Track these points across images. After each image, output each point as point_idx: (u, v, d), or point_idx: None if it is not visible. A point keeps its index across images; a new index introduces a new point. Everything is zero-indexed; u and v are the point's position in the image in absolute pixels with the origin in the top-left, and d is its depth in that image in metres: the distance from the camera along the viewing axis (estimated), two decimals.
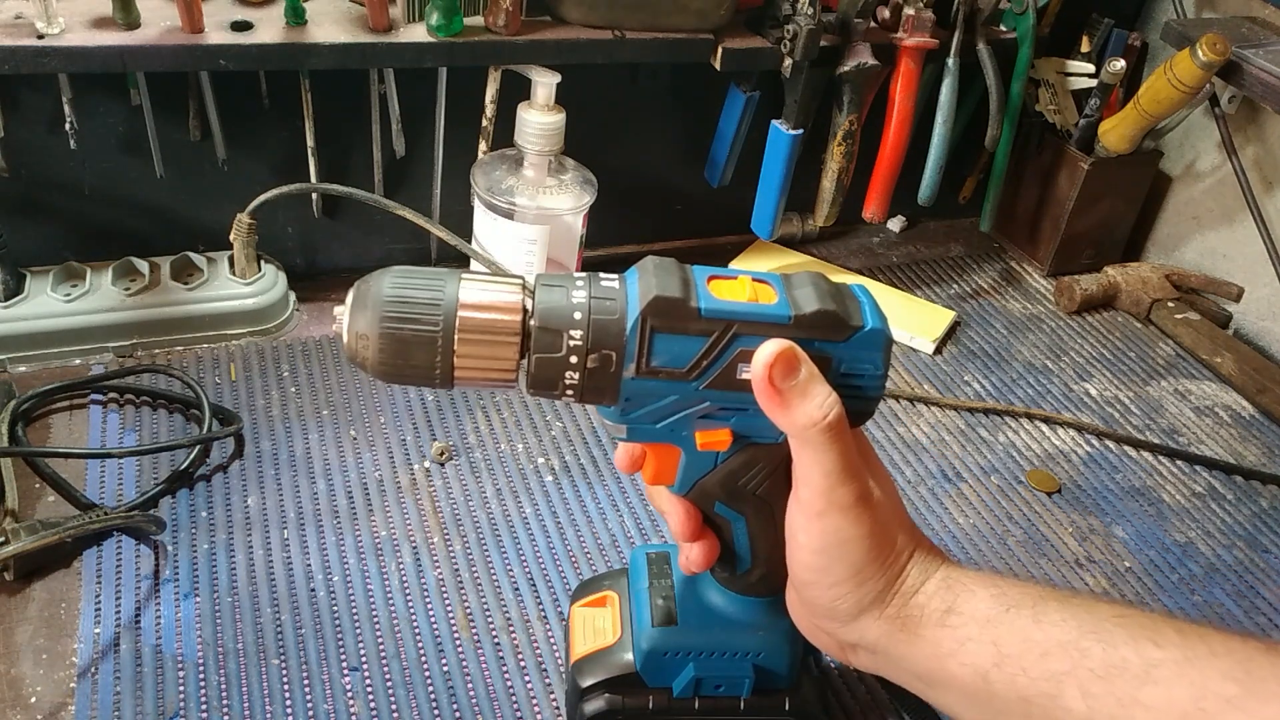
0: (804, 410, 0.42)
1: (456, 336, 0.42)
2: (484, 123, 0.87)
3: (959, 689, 0.43)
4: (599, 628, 0.57)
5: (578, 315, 0.42)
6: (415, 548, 0.70)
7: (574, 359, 0.42)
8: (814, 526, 0.44)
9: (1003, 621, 0.42)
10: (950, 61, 0.95)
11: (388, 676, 0.61)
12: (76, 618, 0.62)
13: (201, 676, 0.60)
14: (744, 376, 0.43)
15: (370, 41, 0.77)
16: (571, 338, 0.42)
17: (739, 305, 0.43)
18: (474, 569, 0.69)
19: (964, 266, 1.11)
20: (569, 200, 0.84)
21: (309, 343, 0.87)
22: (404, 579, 0.67)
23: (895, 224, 1.15)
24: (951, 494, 0.81)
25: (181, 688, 0.59)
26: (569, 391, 0.43)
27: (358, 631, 0.64)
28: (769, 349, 0.42)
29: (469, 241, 0.88)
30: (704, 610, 0.53)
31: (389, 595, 0.66)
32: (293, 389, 0.82)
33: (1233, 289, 1.06)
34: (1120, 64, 0.99)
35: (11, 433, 0.72)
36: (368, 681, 0.61)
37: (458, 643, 0.64)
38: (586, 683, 0.55)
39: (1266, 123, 1.01)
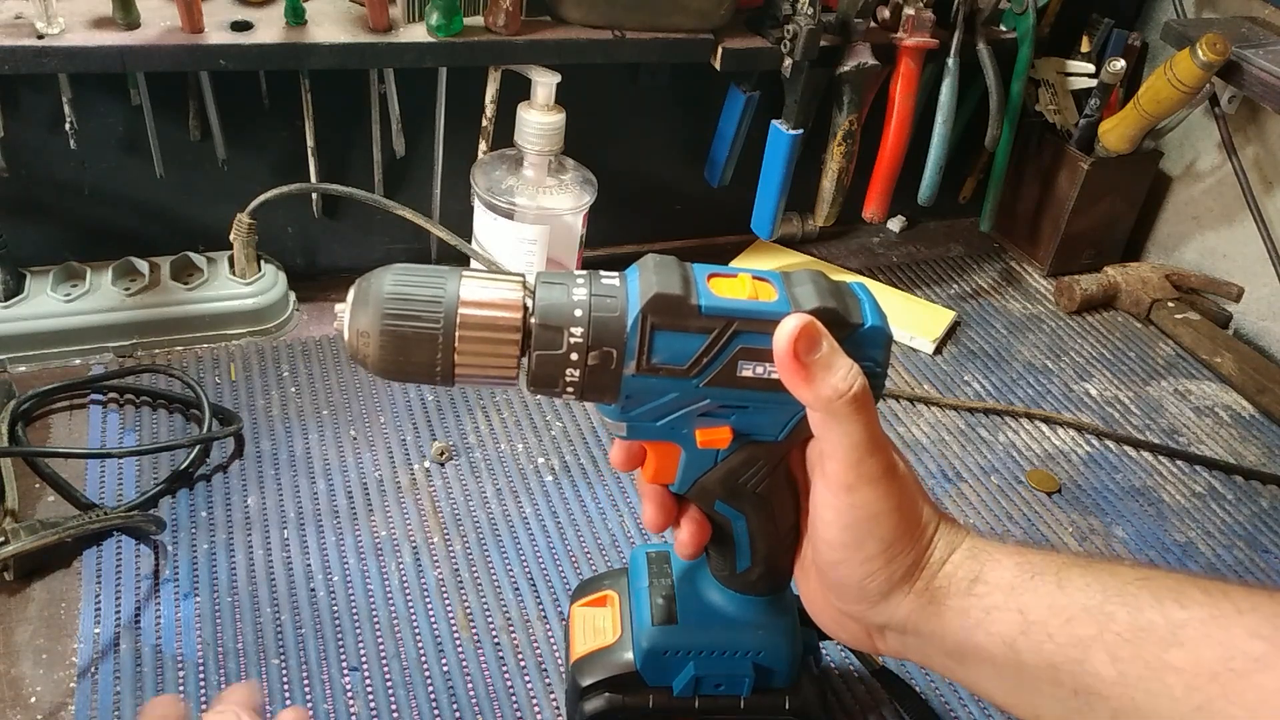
0: (829, 383, 0.42)
1: (457, 334, 0.41)
2: (484, 123, 0.87)
3: (988, 662, 0.42)
4: (599, 627, 0.57)
5: (578, 312, 0.42)
6: (415, 548, 0.70)
7: (575, 356, 0.42)
8: (842, 502, 0.43)
9: (1027, 588, 0.42)
10: (950, 61, 0.95)
11: (388, 676, 0.61)
12: (76, 618, 0.62)
13: (201, 676, 0.60)
14: (744, 374, 0.43)
15: (370, 41, 0.77)
16: (572, 335, 0.42)
17: (739, 303, 0.43)
18: (474, 569, 0.69)
19: (964, 266, 1.11)
20: (569, 200, 0.84)
21: (309, 343, 0.87)
22: (404, 579, 0.67)
23: (895, 224, 1.15)
24: (951, 494, 0.81)
25: (181, 688, 0.59)
26: (569, 389, 0.43)
27: (358, 631, 0.64)
28: (791, 324, 0.41)
29: (469, 241, 0.88)
30: (704, 609, 0.53)
31: (389, 595, 0.66)
32: (293, 389, 0.82)
33: (1233, 289, 1.06)
34: (1120, 64, 0.99)
35: (11, 433, 0.72)
36: (368, 681, 0.61)
37: (458, 643, 0.64)
38: (586, 682, 0.55)
39: (1266, 123, 1.01)
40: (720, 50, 0.86)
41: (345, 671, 0.61)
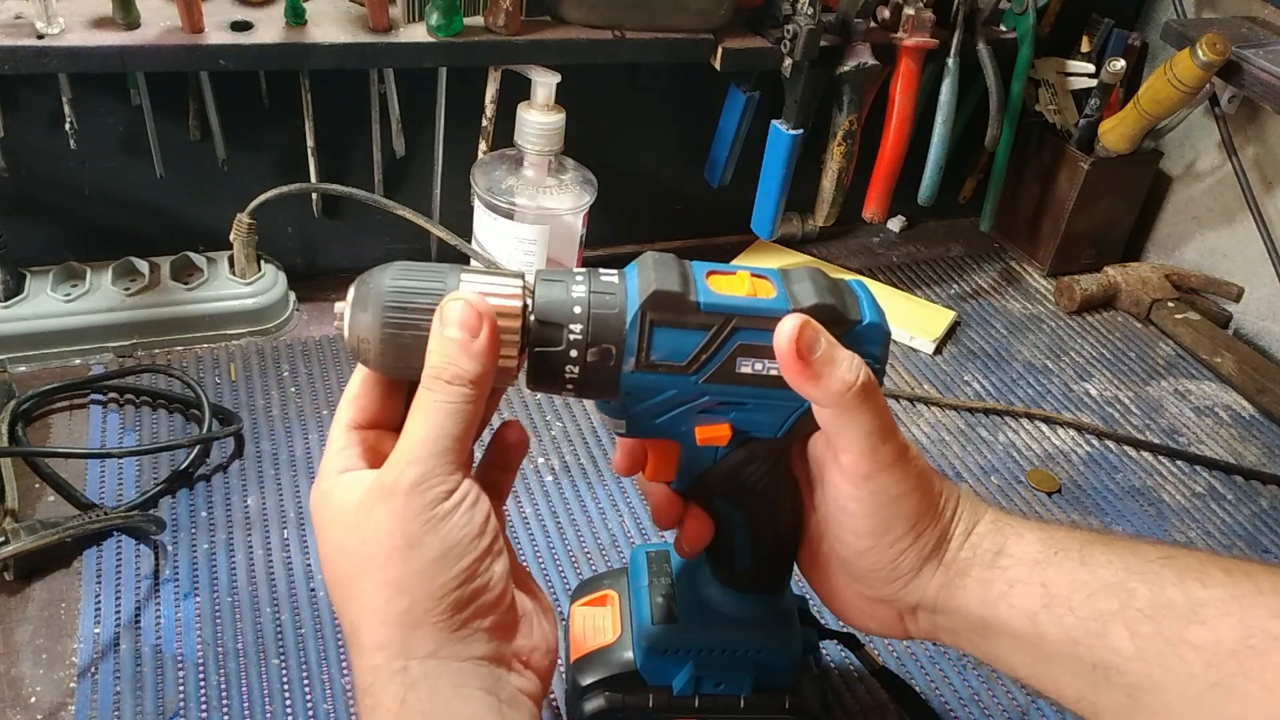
0: (836, 376, 0.42)
1: None
2: (484, 123, 0.87)
3: (1009, 634, 0.43)
4: (599, 626, 0.57)
5: (578, 309, 0.42)
6: None
7: (574, 353, 0.42)
8: (863, 491, 0.44)
9: (1051, 563, 0.43)
10: (950, 61, 0.95)
11: None
12: (76, 618, 0.62)
13: (201, 676, 0.60)
14: (743, 370, 0.43)
15: (370, 41, 0.77)
16: (571, 332, 0.42)
17: (738, 299, 0.43)
18: None
19: (964, 266, 1.11)
20: (569, 200, 0.84)
21: (309, 343, 0.87)
22: None
23: (895, 224, 1.15)
24: None
25: (181, 688, 0.59)
26: (569, 386, 0.43)
27: None
28: (789, 325, 0.42)
29: (469, 241, 0.88)
30: (704, 608, 0.53)
31: None
32: (293, 389, 0.82)
33: (1233, 289, 1.06)
34: (1120, 64, 0.99)
35: (11, 433, 0.72)
36: None
37: None
38: (586, 681, 0.54)
39: (1266, 123, 1.01)
40: (720, 50, 0.86)
41: (345, 671, 0.61)
